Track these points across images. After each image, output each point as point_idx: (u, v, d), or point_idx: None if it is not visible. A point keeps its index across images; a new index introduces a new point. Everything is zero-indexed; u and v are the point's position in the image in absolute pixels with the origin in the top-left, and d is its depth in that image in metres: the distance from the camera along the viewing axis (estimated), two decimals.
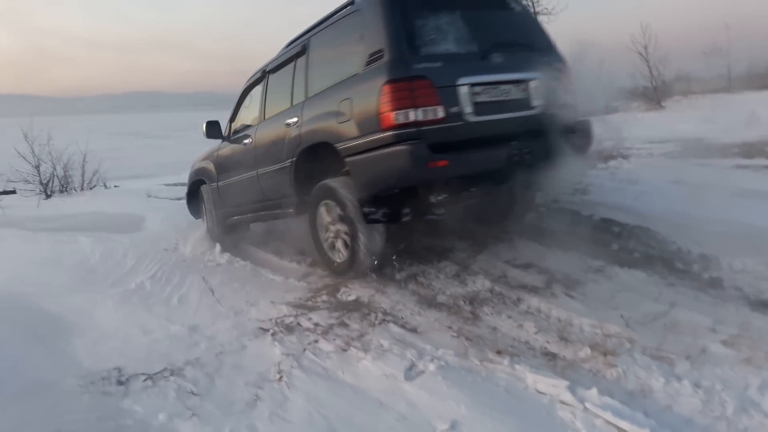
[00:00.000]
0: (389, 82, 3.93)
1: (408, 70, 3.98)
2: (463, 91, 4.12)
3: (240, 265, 5.76)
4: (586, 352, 3.48)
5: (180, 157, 15.74)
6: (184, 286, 5.15)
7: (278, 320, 4.30)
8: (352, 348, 3.71)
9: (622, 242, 5.21)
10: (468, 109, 4.13)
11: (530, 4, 13.92)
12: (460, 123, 4.14)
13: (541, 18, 13.96)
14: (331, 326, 4.08)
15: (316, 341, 3.88)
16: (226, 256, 5.98)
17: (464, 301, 4.32)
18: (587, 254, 4.97)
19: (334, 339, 3.87)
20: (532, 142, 4.42)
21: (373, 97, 4.01)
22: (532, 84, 4.51)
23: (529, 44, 4.78)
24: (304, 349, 3.78)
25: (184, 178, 10.54)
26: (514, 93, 4.45)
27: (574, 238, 5.37)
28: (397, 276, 4.90)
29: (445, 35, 4.29)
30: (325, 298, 4.68)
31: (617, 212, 5.78)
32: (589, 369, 3.35)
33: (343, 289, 4.74)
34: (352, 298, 4.56)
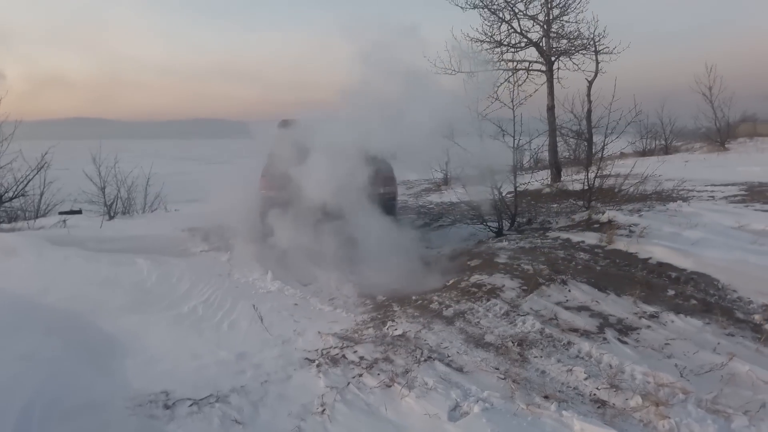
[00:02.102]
0: None
1: None
2: None
3: (290, 293, 5.85)
4: (637, 401, 3.36)
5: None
6: (235, 311, 5.26)
7: (324, 351, 4.33)
8: (396, 384, 3.69)
9: (679, 288, 5.03)
10: None
11: (592, 43, 13.82)
12: None
13: (601, 57, 13.84)
14: (376, 360, 4.07)
15: (361, 375, 3.88)
16: (277, 283, 6.08)
17: (512, 342, 4.24)
18: (642, 299, 4.83)
19: (379, 374, 3.86)
20: None
21: None
22: None
23: None
24: (348, 383, 3.78)
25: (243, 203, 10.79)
26: None
27: (629, 281, 5.23)
28: (445, 312, 4.87)
29: None
30: (371, 331, 4.69)
31: (675, 256, 5.59)
32: (639, 419, 3.23)
33: (389, 323, 4.75)
34: (398, 332, 4.55)
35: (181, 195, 15.11)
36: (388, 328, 4.65)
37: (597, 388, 3.56)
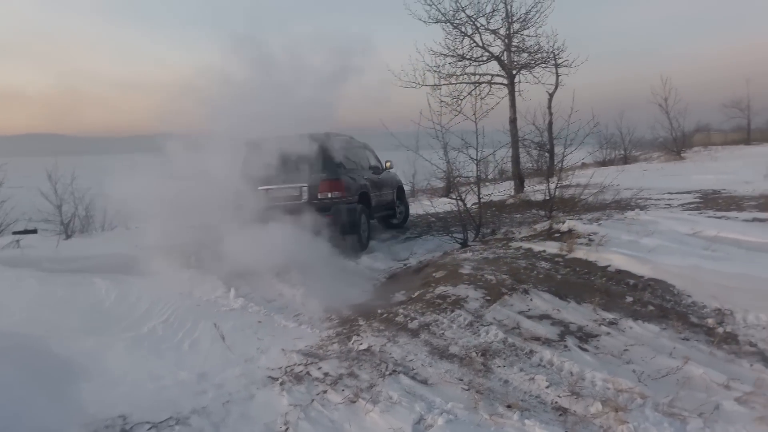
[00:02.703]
0: None
1: None
2: None
3: (254, 310, 5.76)
4: (597, 407, 3.41)
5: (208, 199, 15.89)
6: (196, 331, 5.14)
7: (288, 369, 4.28)
8: (360, 399, 3.67)
9: (637, 294, 5.15)
10: None
11: (552, 57, 14.17)
12: None
13: (561, 70, 14.18)
14: (340, 376, 4.05)
15: (325, 392, 3.84)
16: (240, 301, 5.99)
17: (476, 353, 4.27)
18: (601, 306, 4.93)
19: (343, 389, 3.84)
20: None
21: None
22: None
23: None
24: (312, 400, 3.74)
25: (211, 219, 10.65)
26: None
27: (589, 289, 5.34)
28: (410, 325, 4.88)
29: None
30: (336, 346, 4.66)
31: (633, 264, 5.72)
32: (600, 425, 3.28)
33: (355, 338, 4.72)
34: (363, 347, 4.54)
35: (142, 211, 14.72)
36: (353, 343, 4.62)
37: (558, 396, 3.61)
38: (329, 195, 7.94)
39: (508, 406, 3.49)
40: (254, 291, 6.28)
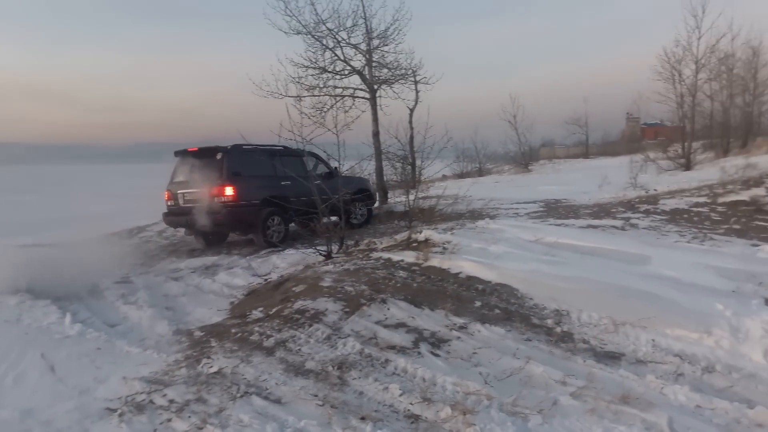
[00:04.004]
0: None
1: None
2: None
3: (92, 337, 5.26)
4: (446, 412, 3.50)
5: (48, 214, 14.46)
6: (22, 363, 4.58)
7: (129, 398, 3.94)
8: (208, 425, 3.46)
9: (485, 299, 5.42)
10: None
11: (411, 74, 14.70)
12: None
13: (420, 86, 14.78)
14: (187, 402, 3.79)
15: (169, 420, 3.58)
16: (78, 327, 5.45)
17: (332, 366, 4.22)
18: (453, 312, 5.12)
19: (189, 416, 3.60)
20: None
21: None
22: None
23: None
24: (155, 430, 3.47)
25: (47, 238, 9.67)
26: None
27: (442, 296, 5.52)
28: (266, 343, 4.72)
29: None
30: (184, 371, 4.37)
31: (482, 270, 6.03)
32: (449, 429, 3.36)
33: (205, 361, 4.47)
34: (214, 369, 4.30)
35: None
36: (202, 366, 4.37)
37: (411, 403, 3.66)
38: (223, 198, 9.25)
39: (362, 418, 3.47)
40: (94, 315, 5.78)
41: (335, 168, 11.11)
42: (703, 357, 4.24)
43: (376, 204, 12.44)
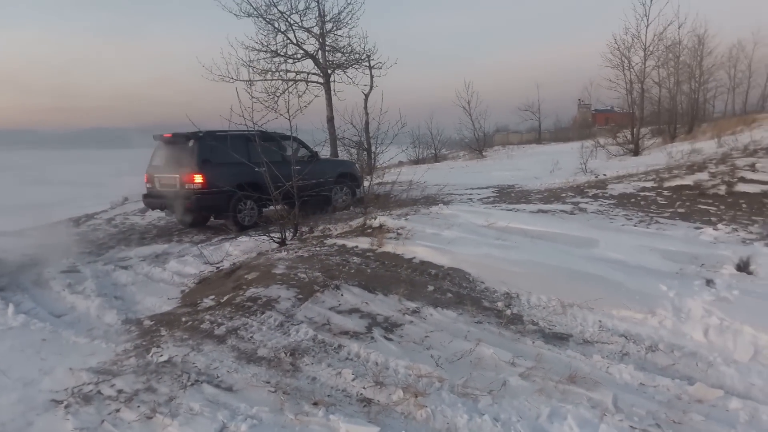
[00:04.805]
0: None
1: None
2: None
3: (37, 328, 5.10)
4: (399, 394, 3.55)
5: None
6: None
7: (75, 390, 3.84)
8: (158, 414, 3.41)
9: (438, 283, 5.50)
10: None
11: (365, 58, 14.64)
12: None
13: (374, 71, 14.74)
14: (136, 392, 3.73)
15: (118, 410, 3.51)
16: (21, 318, 5.27)
17: (285, 353, 4.21)
18: (406, 296, 5.17)
19: (139, 406, 3.54)
20: None
21: None
22: None
23: None
24: (103, 421, 3.40)
25: None
26: None
27: (396, 281, 5.57)
28: (217, 331, 4.67)
29: None
30: (133, 360, 4.28)
31: (435, 255, 6.10)
32: (401, 412, 3.41)
33: (154, 350, 4.39)
34: (164, 358, 4.23)
35: None
36: (152, 355, 4.29)
37: (364, 387, 3.70)
38: (193, 185, 9.42)
39: (315, 404, 3.49)
40: (39, 306, 5.60)
41: (316, 152, 11.29)
42: (647, 336, 4.42)
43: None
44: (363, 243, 6.87)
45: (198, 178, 9.47)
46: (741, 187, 9.35)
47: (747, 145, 13.18)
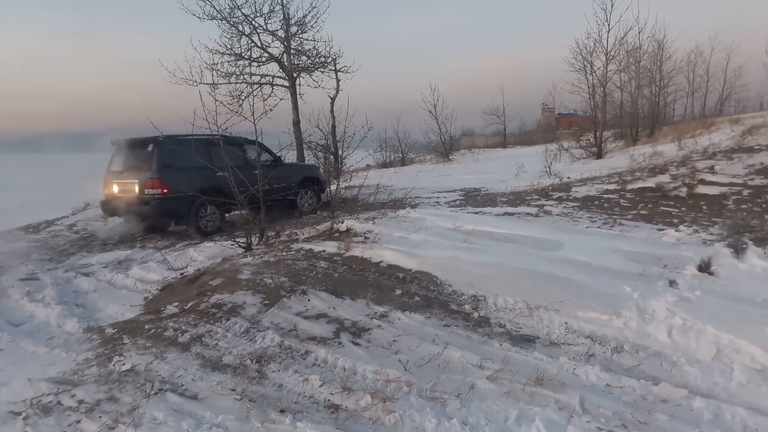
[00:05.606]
0: None
1: None
2: None
3: None
4: (367, 400, 3.54)
5: None
6: None
7: (34, 401, 3.72)
8: (120, 425, 3.34)
9: (405, 287, 5.51)
10: None
11: (331, 62, 14.62)
12: None
13: (340, 75, 14.73)
14: (98, 402, 3.63)
15: (78, 421, 3.42)
16: None
17: (251, 360, 4.16)
18: (374, 301, 5.17)
19: (100, 416, 3.45)
20: None
21: None
22: None
23: None
24: None
25: None
26: None
27: (364, 285, 5.56)
28: (181, 339, 4.58)
29: None
30: (95, 369, 4.17)
31: (402, 258, 6.12)
32: (369, 417, 3.41)
33: (116, 358, 4.29)
34: (126, 367, 4.14)
35: None
36: (114, 364, 4.19)
37: (331, 394, 3.67)
38: (152, 191, 9.28)
39: (281, 411, 3.46)
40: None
41: (279, 156, 11.23)
42: (613, 338, 4.50)
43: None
44: (330, 247, 6.84)
45: (157, 183, 9.31)
46: (701, 189, 9.64)
47: (706, 148, 13.61)
